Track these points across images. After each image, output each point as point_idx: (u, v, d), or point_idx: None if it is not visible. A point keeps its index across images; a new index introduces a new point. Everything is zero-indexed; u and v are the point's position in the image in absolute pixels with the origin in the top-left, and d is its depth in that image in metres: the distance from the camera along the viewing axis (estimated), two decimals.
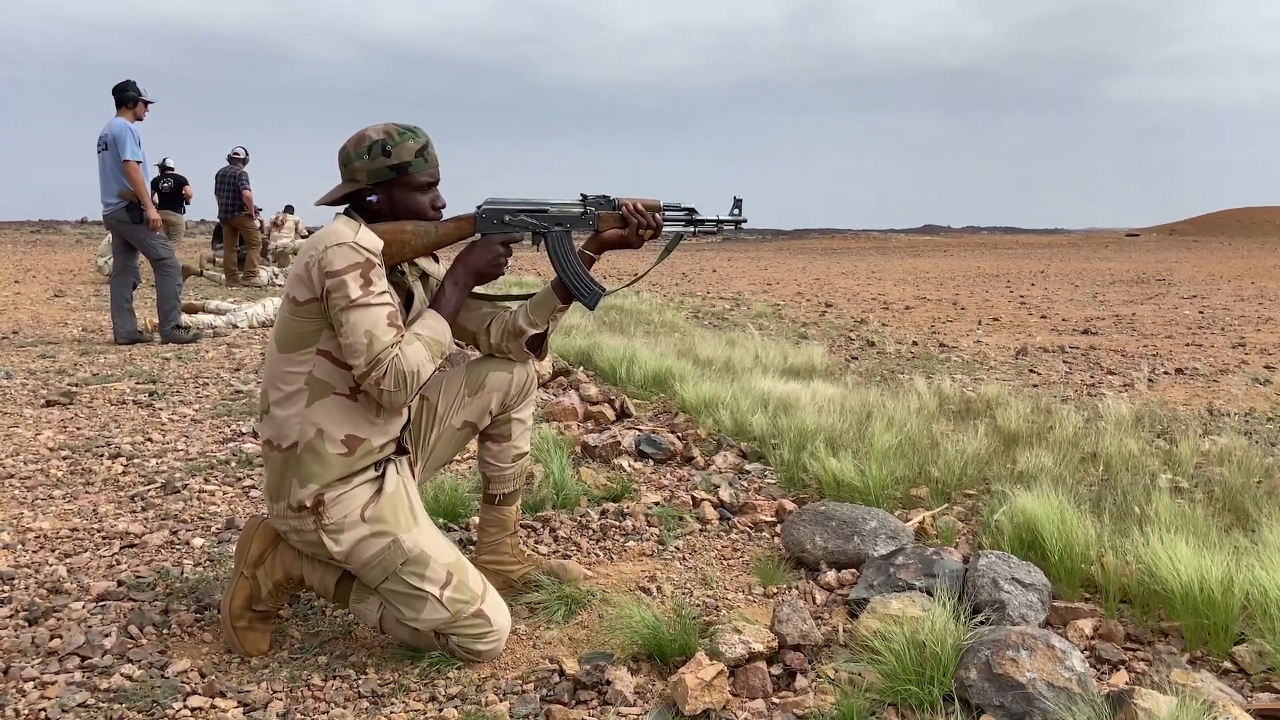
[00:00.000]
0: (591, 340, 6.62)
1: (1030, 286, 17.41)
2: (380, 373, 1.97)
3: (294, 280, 2.05)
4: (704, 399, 4.54)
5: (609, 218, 2.34)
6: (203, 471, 3.62)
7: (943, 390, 5.23)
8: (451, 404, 2.38)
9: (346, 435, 2.07)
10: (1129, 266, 25.28)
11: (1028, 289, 16.66)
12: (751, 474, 3.62)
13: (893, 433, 3.70)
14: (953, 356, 7.75)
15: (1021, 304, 13.39)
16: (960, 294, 15.57)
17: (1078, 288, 16.77)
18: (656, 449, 3.84)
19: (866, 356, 7.74)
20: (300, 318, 2.04)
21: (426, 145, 2.16)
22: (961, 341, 8.89)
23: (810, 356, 6.63)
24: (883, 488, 3.13)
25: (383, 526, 2.08)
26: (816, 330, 9.82)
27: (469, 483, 3.32)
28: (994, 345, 8.57)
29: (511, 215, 2.28)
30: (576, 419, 4.50)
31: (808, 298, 14.92)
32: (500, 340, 2.39)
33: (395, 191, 2.14)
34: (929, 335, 9.39)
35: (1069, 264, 27.71)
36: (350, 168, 2.13)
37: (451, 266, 2.25)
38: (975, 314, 11.84)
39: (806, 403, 4.39)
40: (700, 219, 2.41)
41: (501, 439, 2.47)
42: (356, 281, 1.98)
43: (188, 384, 5.45)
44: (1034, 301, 13.79)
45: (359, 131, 2.14)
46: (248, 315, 8.37)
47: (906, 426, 3.88)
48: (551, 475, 3.28)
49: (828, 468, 3.27)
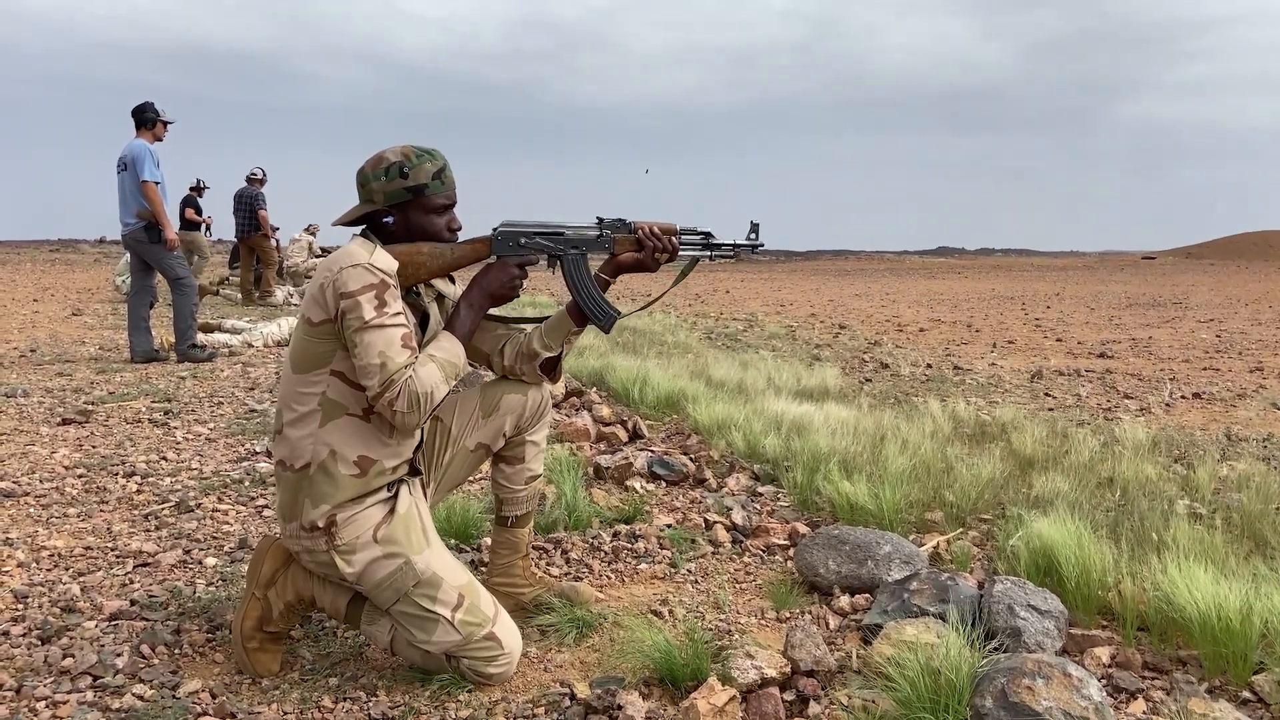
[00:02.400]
0: (605, 361, 6.63)
1: (1045, 309, 17.34)
2: (394, 394, 1.98)
3: (309, 301, 2.07)
4: (717, 421, 4.54)
5: (625, 241, 2.36)
6: (216, 490, 3.63)
7: (957, 413, 5.22)
8: (465, 426, 2.39)
9: (359, 456, 2.08)
10: (1145, 289, 25.17)
11: (1043, 311, 16.60)
12: (764, 497, 3.61)
13: (907, 456, 3.69)
14: (967, 379, 7.72)
15: (1036, 327, 13.34)
16: (975, 316, 15.52)
17: (1093, 310, 16.70)
18: (669, 471, 3.84)
19: (881, 379, 7.72)
20: (315, 338, 2.06)
21: (444, 168, 2.18)
22: (976, 364, 8.85)
23: (824, 378, 6.62)
24: (897, 512, 3.12)
25: (395, 548, 2.08)
26: (830, 352, 9.80)
27: (481, 504, 3.32)
28: (1009, 368, 8.53)
29: (527, 238, 2.29)
30: (589, 440, 4.51)
31: (821, 319, 14.91)
32: (514, 362, 2.40)
33: (411, 213, 2.16)
34: (943, 358, 9.36)
35: (1084, 286, 27.61)
36: (367, 188, 2.16)
37: (467, 288, 2.26)
38: (990, 336, 11.80)
39: (820, 425, 4.38)
40: (717, 244, 2.42)
41: (515, 461, 2.47)
42: (371, 303, 1.99)
43: (203, 403, 5.48)
44: (1049, 324, 13.73)
45: (377, 153, 2.17)
46: (263, 334, 8.42)
47: (921, 450, 3.86)
48: (564, 496, 3.28)
49: (841, 491, 3.26)
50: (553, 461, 3.67)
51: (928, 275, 41.58)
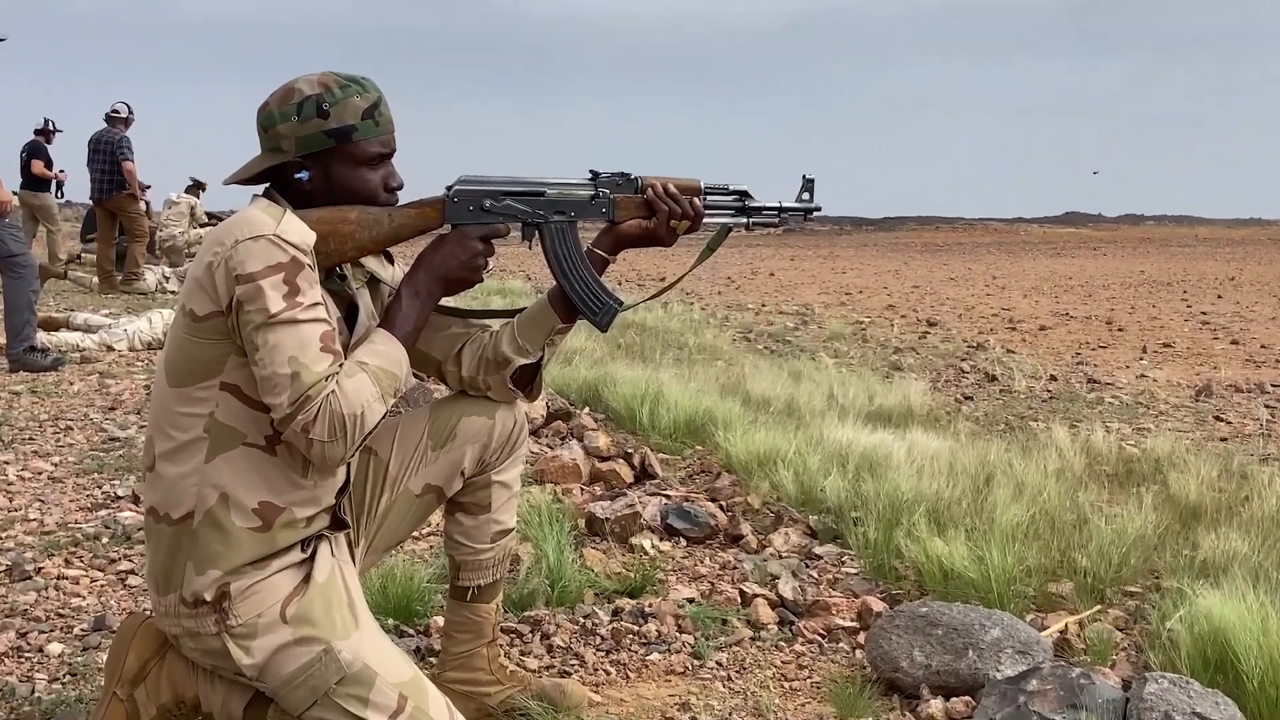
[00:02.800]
0: (602, 370, 6.63)
1: (1215, 299, 17.29)
2: (309, 416, 1.98)
3: (191, 287, 2.07)
4: (758, 454, 4.53)
5: (629, 204, 2.36)
6: (63, 550, 3.63)
7: (1093, 444, 5.20)
8: (409, 461, 2.39)
9: (261, 502, 2.08)
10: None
11: (1211, 303, 16.56)
12: (824, 560, 3.61)
13: (1023, 504, 3.68)
14: (1107, 397, 7.69)
15: (1203, 324, 13.31)
16: (1117, 309, 15.49)
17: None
18: (691, 524, 3.83)
19: (986, 396, 7.69)
20: (199, 338, 2.06)
21: (378, 103, 2.18)
22: (1119, 376, 8.82)
23: (907, 395, 6.59)
24: (1009, 582, 3.11)
25: (311, 630, 2.08)
26: (915, 358, 9.78)
27: (431, 569, 3.32)
28: (1164, 382, 8.50)
29: (494, 200, 2.29)
30: (580, 480, 4.50)
31: (902, 313, 14.88)
32: (477, 372, 2.40)
33: (334, 166, 2.16)
34: (1073, 367, 9.33)
35: (1271, 268, 27.52)
36: (272, 133, 2.16)
37: (411, 270, 2.26)
38: (1138, 338, 11.77)
39: (901, 461, 4.37)
40: (756, 206, 2.42)
41: (477, 510, 2.47)
42: (278, 289, 1.99)
43: (44, 428, 5.49)
44: (1221, 320, 13.70)
45: (285, 84, 2.17)
46: (128, 333, 8.44)
47: (1042, 495, 3.86)
48: (545, 559, 3.28)
49: (931, 552, 3.25)
50: (529, 511, 3.66)
51: (1051, 251, 41.54)
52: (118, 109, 13.04)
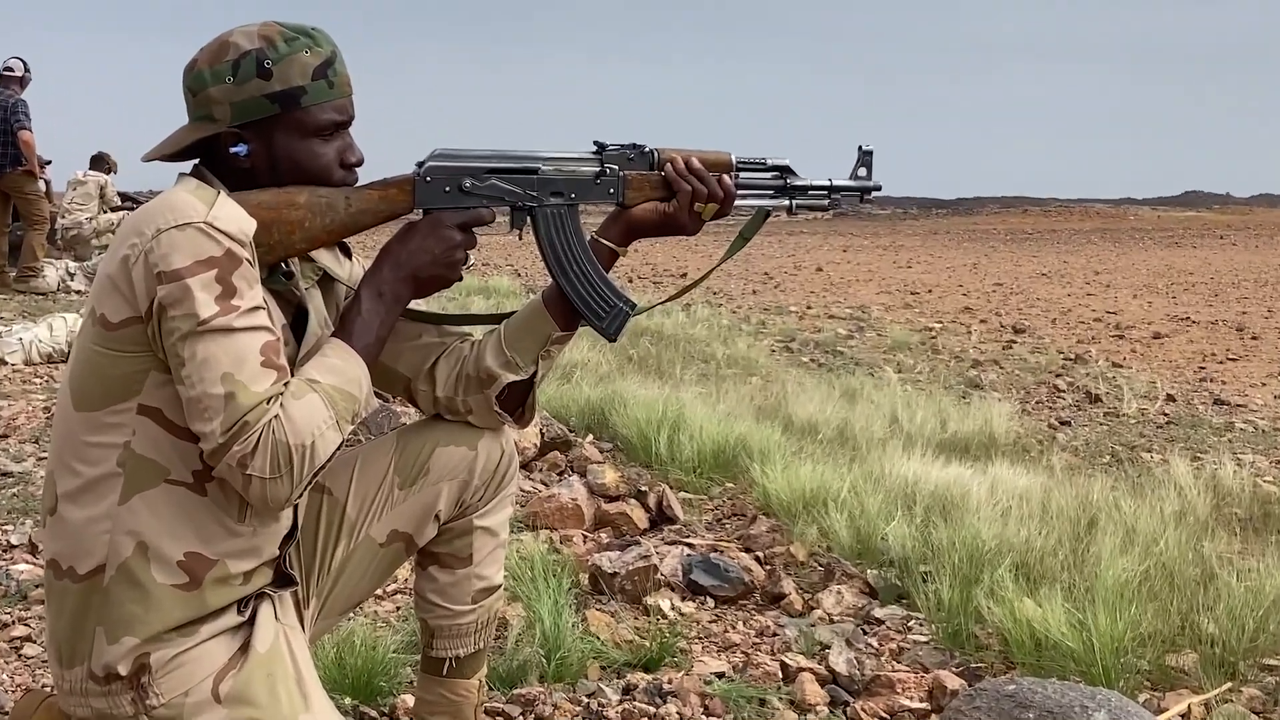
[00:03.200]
0: (609, 388, 6.63)
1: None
2: (247, 447, 1.98)
3: (103, 287, 2.08)
4: (803, 493, 4.53)
5: (643, 183, 2.36)
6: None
7: (1221, 481, 5.18)
8: (371, 502, 2.39)
9: (187, 554, 2.08)
10: None
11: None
12: (887, 625, 3.60)
13: (1134, 556, 3.67)
14: (1238, 422, 7.66)
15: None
16: (1250, 312, 15.43)
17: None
18: (720, 580, 3.83)
19: (1087, 421, 7.67)
20: (112, 351, 2.07)
21: (332, 60, 2.19)
22: (1253, 396, 8.78)
23: (987, 420, 6.58)
24: (1117, 652, 3.10)
25: (251, 712, 2.08)
26: (998, 374, 9.76)
27: (399, 635, 3.32)
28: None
29: (476, 179, 2.30)
30: (582, 525, 4.50)
31: (982, 317, 14.86)
32: (455, 392, 2.41)
33: (279, 137, 2.17)
34: (1196, 385, 9.30)
35: None
36: (203, 98, 2.16)
37: (373, 265, 2.27)
38: (1277, 348, 11.72)
39: (981, 502, 4.37)
40: (800, 184, 2.43)
41: (455, 563, 2.47)
42: (209, 290, 1.99)
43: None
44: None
45: (219, 38, 2.18)
46: (23, 344, 8.47)
47: (1158, 545, 3.85)
48: (539, 624, 3.28)
49: (1019, 615, 3.24)
50: (520, 563, 3.66)
51: (1166, 240, 41.43)
52: (10, 66, 12.93)
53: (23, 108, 12.64)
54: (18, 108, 12.60)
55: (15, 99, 12.67)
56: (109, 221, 14.89)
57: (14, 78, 12.79)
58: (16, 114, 12.56)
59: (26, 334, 8.59)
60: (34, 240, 13.08)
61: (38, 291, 12.76)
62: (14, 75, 12.80)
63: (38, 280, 12.94)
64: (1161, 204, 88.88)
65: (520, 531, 4.32)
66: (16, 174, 12.70)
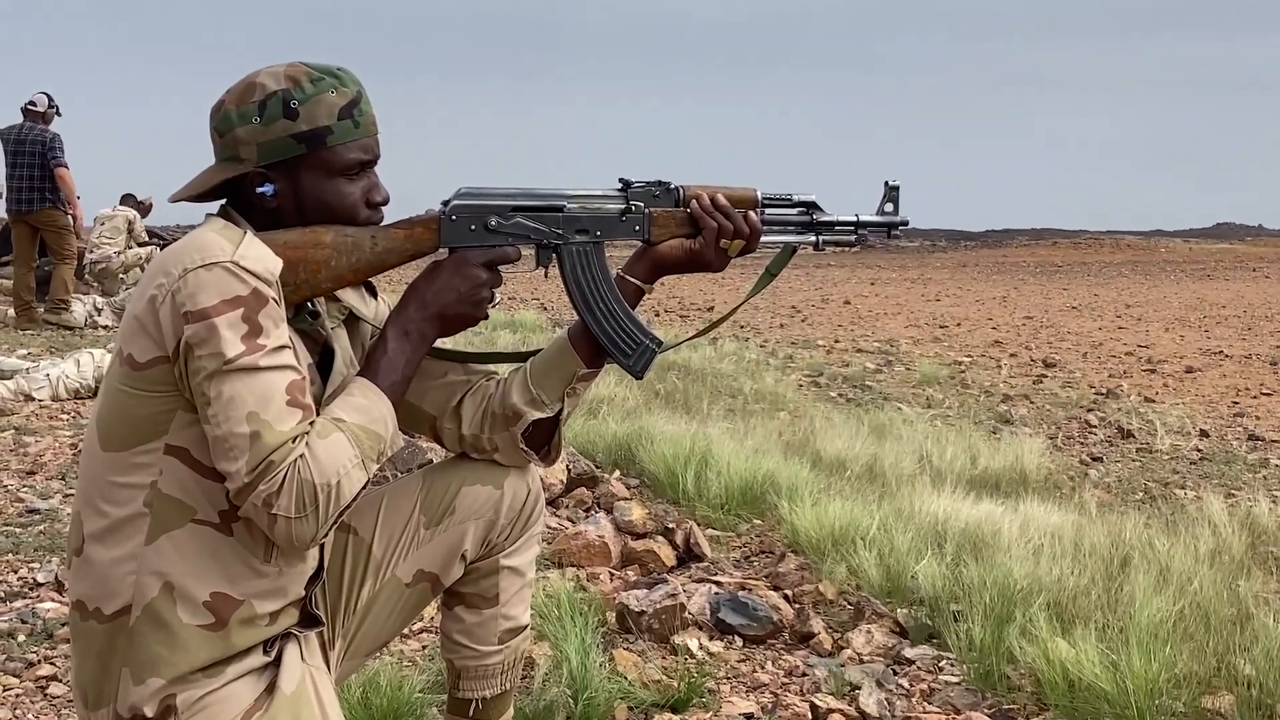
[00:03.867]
0: (635, 424, 6.62)
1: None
2: (272, 486, 1.98)
3: (130, 327, 2.08)
4: (832, 530, 4.52)
5: (669, 219, 2.37)
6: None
7: (1257, 519, 5.16)
8: (397, 541, 2.39)
9: (214, 594, 2.08)
10: None
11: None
12: (916, 665, 3.58)
13: (1168, 595, 3.64)
14: (1274, 458, 7.61)
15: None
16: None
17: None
18: (749, 619, 3.82)
19: (1119, 457, 7.63)
20: (140, 391, 2.07)
21: (357, 100, 2.20)
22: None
23: (1018, 456, 6.55)
24: (1152, 694, 3.08)
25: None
26: (1028, 409, 9.72)
27: (425, 675, 3.31)
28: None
29: (502, 217, 2.30)
30: (609, 563, 4.49)
31: (1012, 351, 14.81)
32: (481, 429, 2.40)
33: (305, 177, 2.18)
34: (1230, 420, 9.24)
35: None
36: (229, 138, 2.18)
37: (399, 305, 2.27)
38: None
39: (1013, 539, 4.35)
40: (827, 220, 2.43)
41: (482, 602, 2.47)
42: (236, 329, 2.00)
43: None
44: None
45: (245, 79, 2.19)
46: (50, 379, 8.50)
47: (1193, 584, 3.82)
48: (566, 664, 3.27)
49: (1052, 655, 3.23)
50: (546, 602, 3.66)
51: (1198, 273, 41.29)
52: (35, 101, 12.95)
53: (58, 143, 12.64)
54: (53, 143, 12.59)
55: (49, 134, 12.66)
56: (137, 256, 14.97)
57: (38, 113, 12.79)
58: (53, 149, 12.56)
59: (54, 370, 8.62)
60: (64, 274, 13.10)
61: (66, 326, 12.79)
62: (37, 110, 12.80)
63: (66, 314, 12.97)
64: (1193, 236, 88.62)
65: (546, 569, 4.32)
66: (47, 210, 12.70)
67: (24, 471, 6.12)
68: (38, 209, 12.66)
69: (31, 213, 12.72)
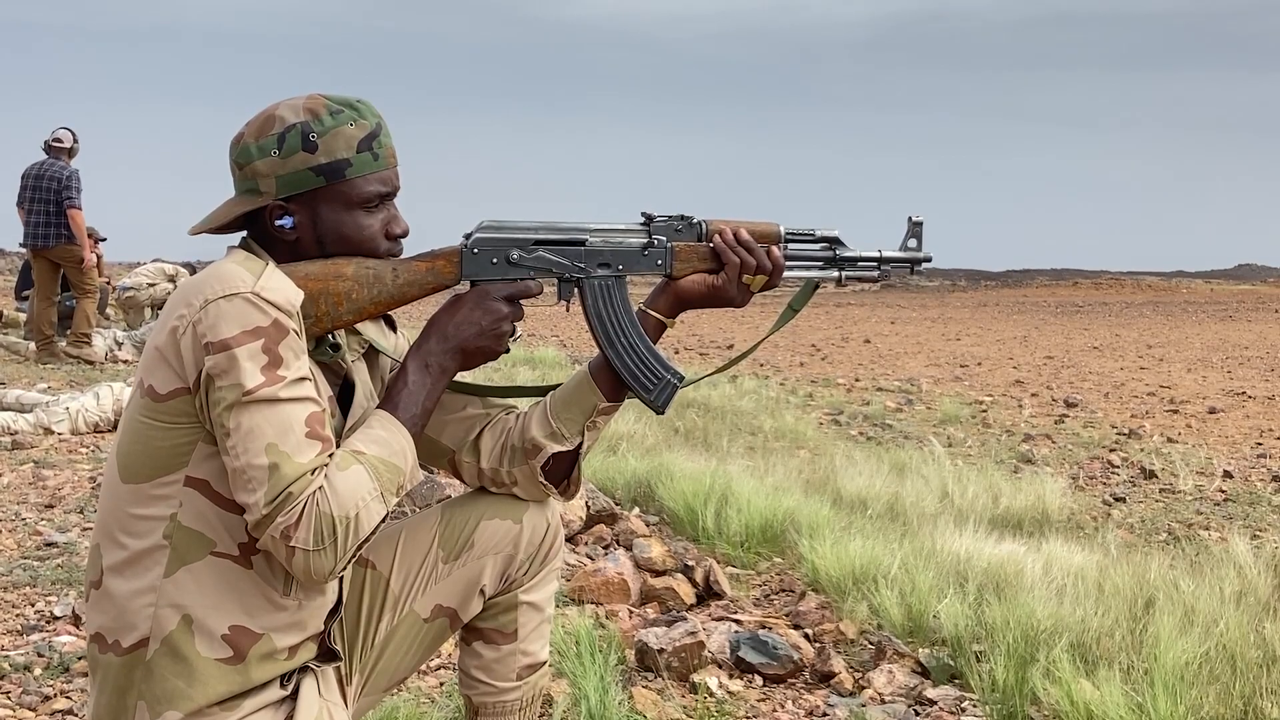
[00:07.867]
0: (655, 461, 6.61)
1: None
2: (291, 518, 1.98)
3: (152, 358, 2.09)
4: (852, 569, 4.50)
5: (691, 254, 2.37)
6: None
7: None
8: (415, 576, 2.39)
9: (232, 627, 2.08)
10: None
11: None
12: (939, 705, 3.56)
13: (1193, 637, 3.62)
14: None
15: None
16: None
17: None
18: (769, 657, 3.80)
19: (1142, 497, 7.59)
20: (161, 422, 2.08)
21: (377, 132, 2.21)
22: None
23: (1040, 496, 6.53)
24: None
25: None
26: (1050, 449, 9.69)
27: (443, 712, 3.31)
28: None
29: (523, 250, 2.31)
30: (628, 600, 4.48)
31: (1033, 390, 14.77)
32: (500, 463, 2.41)
33: (324, 209, 2.19)
34: (1254, 461, 9.19)
35: None
36: (249, 171, 2.19)
37: (420, 338, 2.28)
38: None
39: (1035, 579, 4.33)
40: (850, 256, 2.43)
41: (500, 638, 2.47)
42: (256, 360, 2.01)
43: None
44: None
45: (264, 111, 2.21)
46: (70, 413, 8.52)
47: (1218, 626, 3.79)
48: (585, 701, 3.26)
49: (1076, 697, 3.21)
50: (564, 639, 3.65)
51: (1220, 314, 41.16)
52: (59, 137, 13.01)
53: (75, 181, 12.69)
54: (69, 181, 12.65)
55: (66, 171, 12.74)
56: (165, 291, 15.03)
57: (63, 148, 12.87)
58: (68, 187, 12.60)
59: (73, 403, 8.64)
60: (86, 308, 13.16)
61: (87, 360, 12.84)
62: (63, 146, 12.86)
63: (87, 349, 13.02)
64: (1214, 276, 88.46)
65: (565, 606, 4.31)
66: (65, 246, 12.77)
67: (42, 505, 6.13)
68: (54, 244, 12.73)
69: (49, 248, 12.79)
